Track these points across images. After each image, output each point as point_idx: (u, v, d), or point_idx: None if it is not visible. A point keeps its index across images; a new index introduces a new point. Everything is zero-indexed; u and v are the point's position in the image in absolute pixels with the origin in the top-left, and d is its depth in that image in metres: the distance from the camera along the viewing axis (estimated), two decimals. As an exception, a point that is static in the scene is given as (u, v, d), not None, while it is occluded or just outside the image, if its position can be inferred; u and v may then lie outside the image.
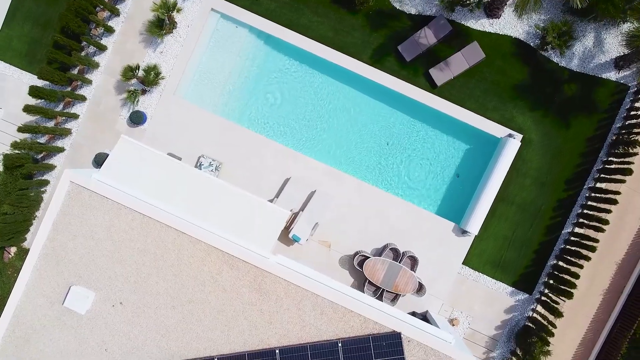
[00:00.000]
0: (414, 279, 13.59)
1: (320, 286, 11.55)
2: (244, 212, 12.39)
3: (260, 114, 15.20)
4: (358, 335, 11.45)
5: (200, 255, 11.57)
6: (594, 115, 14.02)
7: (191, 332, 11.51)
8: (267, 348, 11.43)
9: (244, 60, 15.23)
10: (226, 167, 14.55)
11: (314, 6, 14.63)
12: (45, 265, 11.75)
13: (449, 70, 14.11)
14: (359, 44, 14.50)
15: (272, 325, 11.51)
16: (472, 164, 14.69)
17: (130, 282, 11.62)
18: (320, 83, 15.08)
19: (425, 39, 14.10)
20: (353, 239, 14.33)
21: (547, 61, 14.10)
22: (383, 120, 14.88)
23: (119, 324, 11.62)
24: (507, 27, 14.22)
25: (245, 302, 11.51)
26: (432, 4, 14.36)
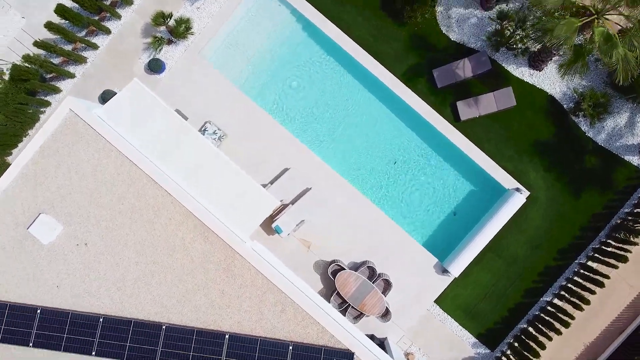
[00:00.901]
0: (383, 303, 13.28)
1: (288, 284, 11.22)
2: (234, 190, 12.06)
3: (278, 98, 14.86)
4: (311, 343, 11.13)
5: (178, 219, 11.24)
6: (605, 193, 13.73)
7: (147, 294, 11.17)
8: (218, 331, 11.11)
9: (277, 40, 14.87)
10: (229, 139, 14.20)
11: (361, 6, 14.29)
12: (21, 186, 11.40)
13: (476, 108, 13.79)
14: (395, 56, 14.17)
15: (229, 310, 11.18)
16: (472, 207, 14.38)
17: (101, 227, 11.28)
18: (345, 83, 14.74)
19: (462, 70, 13.77)
20: (334, 247, 14.01)
21: (575, 127, 13.79)
22: (398, 139, 14.54)
23: (78, 264, 11.28)
24: (546, 82, 13.91)
25: (209, 278, 11.17)
26: (479, 38, 14.03)
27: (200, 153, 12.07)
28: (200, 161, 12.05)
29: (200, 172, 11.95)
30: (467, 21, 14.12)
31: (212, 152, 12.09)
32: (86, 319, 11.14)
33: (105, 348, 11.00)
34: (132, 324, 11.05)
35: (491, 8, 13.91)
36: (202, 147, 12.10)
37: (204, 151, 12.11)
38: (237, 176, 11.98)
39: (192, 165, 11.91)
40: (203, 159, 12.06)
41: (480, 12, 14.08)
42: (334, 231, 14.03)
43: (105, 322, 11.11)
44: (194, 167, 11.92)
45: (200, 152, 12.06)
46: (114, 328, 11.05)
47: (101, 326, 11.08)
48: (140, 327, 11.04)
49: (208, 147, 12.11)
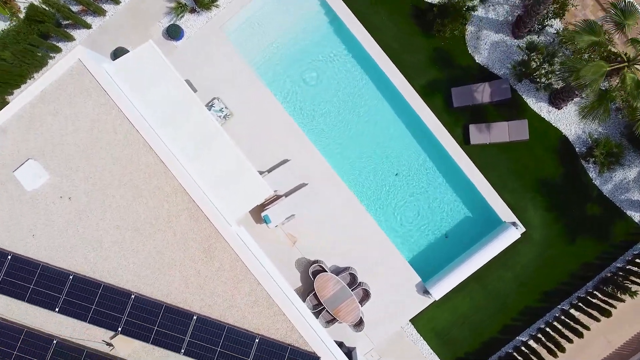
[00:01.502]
0: (358, 312, 13.03)
1: (266, 276, 10.97)
2: (230, 171, 11.78)
3: (291, 87, 14.55)
4: (279, 340, 10.89)
5: (167, 191, 10.97)
6: (601, 244, 13.49)
7: (122, 259, 10.91)
8: (187, 310, 10.84)
9: (300, 30, 14.54)
10: (234, 119, 13.90)
11: (392, 11, 14.00)
12: (15, 126, 11.10)
13: (487, 134, 13.53)
14: (417, 67, 13.89)
15: (202, 291, 10.92)
16: (465, 232, 14.12)
17: (88, 183, 11.00)
18: (362, 86, 14.44)
19: (480, 94, 13.51)
20: (320, 247, 13.74)
21: (583, 172, 13.54)
22: (404, 151, 14.26)
23: (58, 217, 11.00)
24: (562, 122, 13.66)
25: (187, 256, 10.91)
26: (504, 64, 13.76)
27: (203, 128, 11.78)
28: (200, 136, 11.76)
29: (199, 147, 11.68)
30: (495, 46, 13.85)
31: (214, 128, 11.80)
32: (56, 274, 10.86)
33: (69, 307, 10.73)
34: (101, 287, 10.78)
35: (522, 37, 13.64)
36: (205, 122, 11.80)
37: (207, 127, 11.81)
38: (235, 158, 11.71)
39: (192, 138, 11.63)
40: (204, 134, 11.77)
41: (510, 39, 13.80)
42: (323, 231, 13.76)
43: (74, 280, 10.83)
44: (193, 141, 11.64)
45: (202, 127, 11.77)
46: (83, 288, 10.78)
47: (70, 284, 10.81)
48: (108, 292, 10.77)
49: (212, 123, 11.82)
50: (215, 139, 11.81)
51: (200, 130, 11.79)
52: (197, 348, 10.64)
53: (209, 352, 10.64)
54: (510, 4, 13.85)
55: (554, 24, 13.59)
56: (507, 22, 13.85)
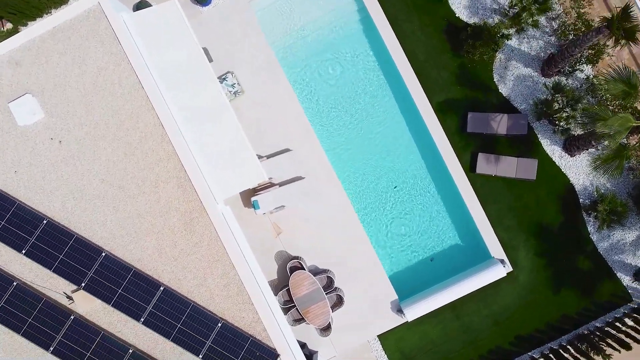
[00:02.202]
0: (328, 317, 12.73)
1: (242, 263, 10.65)
2: (228, 149, 11.44)
3: (308, 77, 14.20)
4: (242, 329, 10.58)
5: (161, 155, 10.63)
6: (584, 300, 13.22)
7: (101, 215, 10.58)
8: (155, 279, 10.53)
9: (330, 22, 14.18)
10: (244, 98, 13.55)
11: (426, 23, 13.65)
12: (21, 56, 10.73)
13: (495, 166, 13.23)
14: (438, 84, 13.57)
15: (175, 263, 10.60)
16: (452, 260, 13.83)
17: (82, 130, 10.66)
18: (379, 91, 14.09)
19: (496, 124, 13.19)
20: (303, 244, 13.43)
21: (582, 224, 13.26)
22: (408, 166, 13.93)
23: (45, 159, 10.66)
24: (572, 170, 13.36)
25: (167, 225, 10.59)
26: (526, 100, 13.45)
27: (210, 100, 11.43)
28: (206, 107, 11.41)
29: (203, 118, 11.33)
30: (521, 79, 13.53)
31: (222, 103, 11.45)
32: (30, 215, 10.52)
33: (37, 251, 10.39)
34: (73, 238, 10.44)
35: (550, 76, 13.32)
36: (214, 94, 11.45)
37: (215, 99, 11.45)
38: (237, 137, 11.36)
39: (197, 108, 11.28)
40: (210, 106, 11.42)
41: (538, 76, 13.48)
42: (309, 229, 13.44)
43: (48, 226, 10.49)
44: (198, 110, 11.30)
45: (210, 99, 11.42)
46: (54, 235, 10.44)
47: (42, 228, 10.47)
48: (80, 245, 10.44)
49: (220, 96, 11.47)
50: (220, 113, 11.46)
51: (207, 102, 11.44)
52: (158, 320, 10.33)
53: (169, 326, 10.33)
54: (546, 41, 13.53)
55: (585, 69, 13.27)
56: (538, 58, 13.53)
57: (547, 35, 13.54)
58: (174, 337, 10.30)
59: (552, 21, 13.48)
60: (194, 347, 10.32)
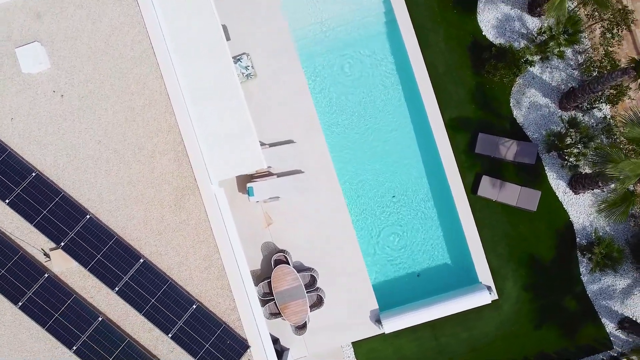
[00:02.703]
0: (305, 316, 12.50)
1: (228, 248, 10.42)
2: (232, 131, 11.17)
3: (325, 72, 13.92)
4: (216, 315, 10.35)
5: (162, 125, 10.41)
6: (565, 340, 13.02)
7: (91, 176, 10.34)
8: (137, 250, 10.29)
9: (355, 20, 13.91)
10: (256, 82, 13.27)
11: (451, 36, 13.39)
12: (36, 3, 10.44)
13: (497, 191, 12.99)
14: (453, 99, 13.32)
15: (159, 238, 10.37)
16: (438, 278, 13.60)
17: (86, 88, 10.42)
18: (393, 96, 13.80)
19: (505, 149, 12.96)
20: (292, 238, 13.18)
21: (575, 264, 13.05)
22: (409, 178, 13.66)
23: (44, 111, 10.41)
24: (573, 208, 13.14)
25: (157, 198, 10.35)
26: (539, 129, 13.22)
27: (221, 78, 11.15)
28: (216, 85, 11.14)
29: (210, 95, 11.07)
30: (537, 108, 13.29)
31: (233, 83, 11.17)
32: (20, 165, 10.27)
33: (21, 203, 10.15)
34: (60, 195, 10.20)
35: (567, 110, 13.09)
36: (226, 73, 11.17)
37: (226, 78, 11.18)
38: (242, 119, 11.09)
39: (207, 85, 11.02)
40: (221, 84, 11.15)
41: (555, 108, 13.25)
42: (300, 224, 13.19)
43: (36, 179, 10.25)
44: (207, 87, 11.03)
45: (221, 77, 11.15)
46: (41, 190, 10.20)
47: (30, 181, 10.22)
48: (65, 203, 10.19)
49: (232, 76, 11.20)
50: (229, 93, 11.19)
51: (218, 79, 11.17)
52: (132, 292, 10.09)
53: (143, 300, 10.09)
54: (568, 74, 13.29)
55: (604, 109, 13.04)
56: (558, 90, 13.29)
57: (571, 68, 13.31)
58: (146, 311, 10.07)
59: (579, 55, 13.24)
60: (164, 325, 10.09)
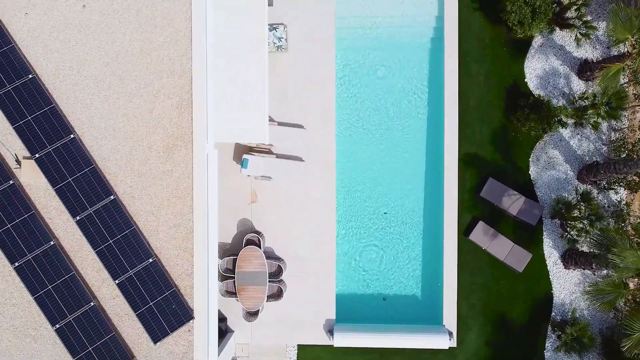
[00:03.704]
0: (260, 304, 12.00)
1: (203, 213, 9.92)
2: (244, 97, 10.68)
3: (356, 69, 13.34)
4: (170, 275, 9.86)
5: (176, 68, 9.92)
6: (509, 408, 12.60)
7: (87, 97, 9.85)
8: (110, 186, 9.79)
9: (404, 26, 13.32)
10: (284, 56, 12.68)
11: (493, 72, 12.84)
12: None
13: (488, 241, 12.51)
14: (474, 136, 12.81)
15: (137, 180, 9.88)
16: (403, 308, 13.14)
17: (111, 6, 9.93)
18: (417, 114, 13.25)
19: (510, 202, 12.47)
20: (271, 223, 12.67)
21: (542, 337, 12.63)
22: (407, 200, 13.15)
23: (61, 15, 9.92)
24: (559, 281, 12.68)
25: (148, 138, 9.89)
26: (549, 193, 12.73)
27: (251, 41, 10.65)
28: (244, 47, 10.63)
29: (235, 55, 10.56)
30: (555, 171, 12.79)
31: (261, 50, 10.65)
32: (20, 63, 9.75)
33: (9, 101, 9.64)
34: (50, 106, 9.66)
35: (584, 182, 12.60)
36: (258, 37, 10.66)
37: (256, 43, 10.67)
38: (258, 89, 10.59)
39: (234, 43, 10.51)
40: (248, 47, 10.64)
41: (573, 176, 12.76)
42: (284, 211, 12.68)
43: (32, 82, 9.71)
44: (234, 46, 10.52)
45: (250, 40, 10.64)
46: (33, 94, 9.65)
47: (25, 82, 9.70)
48: (53, 116, 9.66)
49: (263, 43, 10.67)
50: (254, 59, 10.68)
51: (247, 41, 10.65)
52: (93, 226, 9.57)
53: (101, 237, 9.58)
54: (597, 147, 12.80)
55: (621, 193, 12.57)
56: (581, 160, 12.80)
57: (601, 142, 12.81)
58: (101, 250, 9.56)
59: (613, 131, 12.74)
60: (114, 269, 9.59)
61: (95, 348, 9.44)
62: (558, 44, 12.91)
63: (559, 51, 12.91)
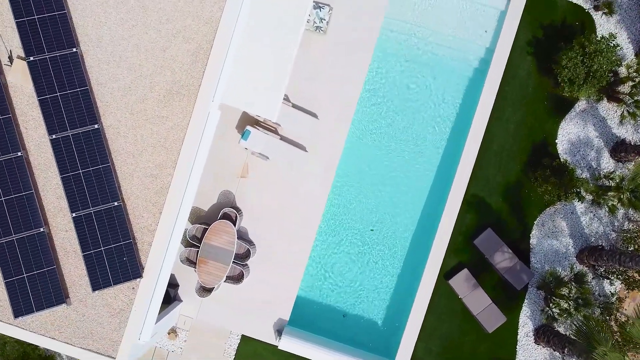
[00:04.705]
0: (216, 282, 11.32)
1: (186, 172, 9.24)
2: (266, 68, 10.00)
3: (389, 76, 12.60)
4: (131, 226, 9.17)
5: (204, 13, 9.25)
6: None
7: (104, 15, 9.15)
8: (98, 114, 9.07)
9: (450, 48, 12.56)
10: (320, 39, 11.94)
11: (525, 123, 12.17)
12: None
13: (466, 291, 11.88)
14: (487, 183, 12.15)
15: (128, 117, 9.18)
16: (360, 331, 12.46)
17: None
18: (433, 139, 12.55)
19: (502, 258, 11.84)
20: (254, 203, 11.98)
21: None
22: (397, 225, 12.47)
23: None
24: (524, 354, 12.07)
25: (152, 77, 9.22)
26: (544, 262, 12.10)
27: (290, 13, 9.95)
28: (281, 16, 9.94)
29: (269, 23, 9.88)
30: (556, 241, 12.13)
31: (297, 26, 9.95)
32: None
33: (19, -6, 8.83)
34: (61, 12, 8.90)
35: (582, 263, 11.96)
36: (299, 13, 9.96)
37: (294, 17, 9.98)
38: (281, 65, 9.94)
39: (272, 9, 9.81)
40: (285, 19, 9.95)
41: (572, 253, 12.11)
42: (271, 196, 11.98)
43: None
44: (271, 12, 9.82)
45: (290, 12, 9.95)
46: (47, -5, 8.86)
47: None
48: (62, 23, 8.98)
49: (302, 20, 9.96)
50: (288, 32, 9.98)
51: (286, 10, 9.94)
52: (67, 149, 8.85)
53: (71, 163, 8.86)
54: (607, 232, 12.13)
55: (616, 285, 11.91)
56: (586, 239, 12.14)
57: (612, 229, 12.14)
58: (67, 177, 8.85)
59: (628, 221, 12.07)
60: (75, 201, 8.88)
61: (30, 276, 8.75)
62: (601, 115, 12.22)
63: (599, 122, 12.21)
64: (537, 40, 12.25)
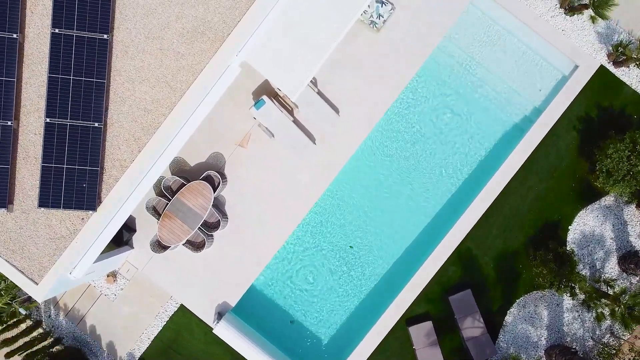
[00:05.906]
0: (175, 243, 10.51)
1: (182, 119, 8.44)
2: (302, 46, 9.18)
3: (428, 97, 11.76)
4: (103, 155, 8.33)
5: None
6: None
7: None
8: (109, 26, 8.17)
9: (495, 94, 11.72)
10: (372, 35, 11.05)
11: (546, 196, 11.38)
12: None
13: (422, 344, 11.14)
14: (485, 243, 11.41)
15: (144, 41, 8.32)
16: (301, 343, 11.74)
17: None
18: (444, 181, 11.75)
19: (470, 326, 11.11)
20: (242, 178, 11.17)
21: None
22: (379, 252, 11.72)
23: None
24: None
25: (182, 10, 8.26)
26: (511, 346, 11.31)
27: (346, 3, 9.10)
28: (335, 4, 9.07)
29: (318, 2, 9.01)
30: (531, 330, 11.35)
31: (350, 16, 9.11)
32: None
33: None
34: None
35: (550, 358, 11.17)
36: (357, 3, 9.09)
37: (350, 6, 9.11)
38: (319, 50, 9.14)
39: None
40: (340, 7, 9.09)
41: (543, 347, 11.33)
42: (262, 175, 11.17)
43: None
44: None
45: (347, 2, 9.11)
46: None
47: None
48: None
49: (358, 10, 9.09)
50: (339, 16, 9.11)
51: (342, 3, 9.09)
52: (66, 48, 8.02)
53: (65, 65, 8.03)
54: (585, 337, 11.32)
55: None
56: (562, 336, 11.36)
57: (592, 336, 11.35)
58: (54, 79, 8.03)
59: (610, 334, 11.28)
60: (53, 107, 8.04)
61: (-22, 168, 7.91)
62: (624, 218, 11.43)
63: (619, 225, 11.40)
64: (589, 119, 11.42)
